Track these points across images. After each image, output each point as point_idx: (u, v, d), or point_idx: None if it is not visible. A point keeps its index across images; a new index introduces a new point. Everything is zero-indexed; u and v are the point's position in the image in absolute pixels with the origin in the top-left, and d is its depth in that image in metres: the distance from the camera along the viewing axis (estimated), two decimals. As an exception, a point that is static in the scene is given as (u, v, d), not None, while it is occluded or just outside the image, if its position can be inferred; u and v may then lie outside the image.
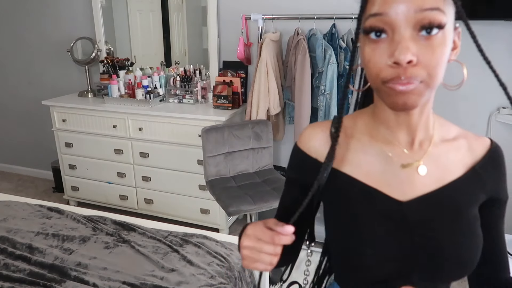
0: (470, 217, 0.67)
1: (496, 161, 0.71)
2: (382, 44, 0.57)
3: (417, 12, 0.54)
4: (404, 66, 0.55)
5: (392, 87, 0.57)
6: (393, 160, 0.68)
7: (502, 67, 2.19)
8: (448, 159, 0.69)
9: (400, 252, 0.65)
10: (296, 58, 2.32)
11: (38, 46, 3.38)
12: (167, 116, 2.60)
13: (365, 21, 0.58)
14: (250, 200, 2.06)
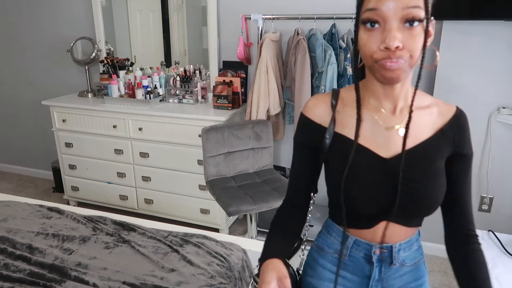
0: (438, 168, 0.85)
1: (461, 123, 0.87)
2: (376, 32, 0.74)
3: (404, 8, 0.71)
4: (393, 50, 0.72)
5: (382, 64, 0.74)
6: (379, 124, 0.85)
7: (502, 67, 2.19)
8: (422, 122, 0.85)
9: (381, 194, 0.84)
10: (296, 58, 2.32)
11: (38, 46, 3.38)
12: (167, 116, 2.60)
13: (363, 14, 0.74)
14: (250, 200, 2.06)
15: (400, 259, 0.91)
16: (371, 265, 0.91)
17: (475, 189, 2.42)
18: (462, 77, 2.28)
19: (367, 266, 0.92)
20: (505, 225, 2.40)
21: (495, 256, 1.45)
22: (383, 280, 0.93)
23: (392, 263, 0.91)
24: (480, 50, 2.21)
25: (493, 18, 2.07)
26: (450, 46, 2.25)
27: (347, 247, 0.92)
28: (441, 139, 0.86)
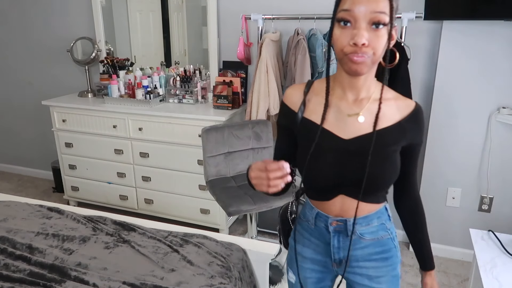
0: (391, 153, 0.98)
1: (417, 119, 1.00)
2: (347, 30, 0.87)
3: (372, 12, 0.84)
4: (359, 46, 0.85)
5: (350, 58, 0.86)
6: (342, 111, 0.98)
7: (502, 67, 2.19)
8: (382, 112, 0.96)
9: (338, 171, 0.98)
10: (296, 58, 2.32)
11: (38, 46, 3.38)
12: (167, 116, 2.60)
13: (338, 13, 0.88)
14: (250, 200, 2.06)
15: (358, 232, 1.05)
16: (329, 234, 1.07)
17: (475, 189, 2.42)
18: (462, 77, 2.28)
19: (328, 235, 1.08)
20: (505, 225, 2.40)
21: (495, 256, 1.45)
22: (343, 248, 1.07)
23: (347, 235, 1.04)
24: (480, 50, 2.21)
25: (493, 18, 2.07)
26: (450, 46, 2.25)
27: (312, 217, 1.09)
28: (398, 130, 0.98)
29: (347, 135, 0.97)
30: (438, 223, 2.55)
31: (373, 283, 1.09)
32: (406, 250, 2.66)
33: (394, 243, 1.11)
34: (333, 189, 1.02)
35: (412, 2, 2.28)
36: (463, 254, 2.54)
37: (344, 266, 1.08)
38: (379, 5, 0.84)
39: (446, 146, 2.41)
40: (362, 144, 0.96)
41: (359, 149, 0.96)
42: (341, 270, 1.10)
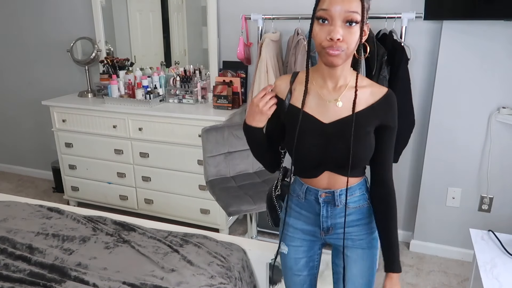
0: (366, 133, 1.11)
1: (388, 102, 1.12)
2: (325, 27, 0.99)
3: (346, 12, 0.96)
4: (335, 41, 0.97)
5: (327, 51, 0.99)
6: (322, 98, 1.12)
7: (502, 67, 2.19)
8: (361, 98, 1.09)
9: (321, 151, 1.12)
10: (296, 58, 2.32)
11: (38, 46, 3.38)
12: (167, 116, 2.60)
13: (317, 12, 1.00)
14: (250, 200, 2.06)
15: (343, 202, 1.19)
16: (319, 205, 1.21)
17: (475, 189, 2.42)
18: (462, 77, 2.28)
19: (317, 206, 1.22)
20: (505, 225, 2.40)
21: (495, 256, 1.45)
22: (330, 217, 1.22)
23: (336, 204, 1.19)
24: (480, 50, 2.21)
25: (493, 18, 2.07)
26: (450, 46, 2.25)
27: (303, 192, 1.23)
28: (371, 113, 1.10)
29: (328, 119, 1.11)
30: (438, 223, 2.55)
31: (355, 244, 1.25)
32: (406, 250, 2.66)
33: (371, 212, 1.24)
34: (318, 167, 1.16)
35: (412, 2, 2.28)
36: (463, 254, 2.54)
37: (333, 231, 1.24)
38: (352, 6, 0.97)
39: (446, 146, 2.41)
40: (341, 126, 1.10)
41: (338, 131, 1.10)
42: (328, 238, 1.26)
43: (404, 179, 2.63)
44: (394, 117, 1.13)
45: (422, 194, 2.54)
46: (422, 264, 2.52)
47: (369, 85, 1.12)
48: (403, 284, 2.33)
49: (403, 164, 2.59)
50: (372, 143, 1.13)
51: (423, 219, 2.58)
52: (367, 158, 1.15)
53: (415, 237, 2.63)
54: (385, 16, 2.17)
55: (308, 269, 1.33)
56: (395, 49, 2.09)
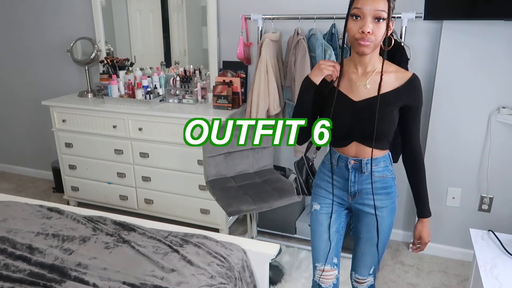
0: (389, 111, 1.31)
1: (412, 85, 1.32)
2: (358, 22, 1.23)
3: (375, 10, 1.20)
4: (366, 34, 1.21)
5: (359, 42, 1.24)
6: (354, 81, 1.35)
7: (502, 67, 2.19)
8: (386, 81, 1.31)
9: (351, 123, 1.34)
10: (296, 58, 2.32)
11: (38, 46, 3.38)
12: (167, 116, 2.60)
13: (352, 10, 1.24)
14: (250, 200, 2.06)
15: (368, 169, 1.38)
16: (348, 171, 1.41)
17: (475, 189, 2.42)
18: (462, 77, 2.28)
19: (347, 172, 1.42)
20: (505, 225, 2.40)
21: (495, 256, 1.45)
22: (357, 183, 1.42)
23: (362, 171, 1.39)
24: (480, 50, 2.21)
25: (492, 17, 2.07)
26: (450, 46, 2.25)
27: (335, 159, 1.44)
28: (395, 94, 1.32)
29: (357, 98, 1.34)
30: (438, 223, 2.55)
31: (377, 211, 1.42)
32: (406, 250, 2.66)
33: (394, 182, 1.46)
34: (348, 137, 1.38)
35: (412, 2, 2.28)
36: (463, 254, 2.54)
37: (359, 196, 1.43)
38: (380, 5, 1.20)
39: (446, 146, 2.41)
40: (368, 105, 1.32)
41: (365, 108, 1.32)
42: (354, 202, 1.45)
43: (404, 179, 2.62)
44: (418, 97, 1.35)
45: (422, 194, 2.54)
46: (422, 264, 2.52)
47: (394, 71, 1.34)
48: (403, 284, 2.33)
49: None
50: (394, 121, 1.34)
51: (423, 219, 2.58)
52: (389, 133, 1.36)
53: (415, 237, 2.63)
54: (385, 16, 2.17)
55: (336, 226, 1.50)
56: (395, 49, 2.09)
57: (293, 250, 2.60)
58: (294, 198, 2.13)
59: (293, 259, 2.52)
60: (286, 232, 2.74)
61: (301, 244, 2.66)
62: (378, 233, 1.44)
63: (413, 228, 2.63)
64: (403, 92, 1.31)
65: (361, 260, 1.52)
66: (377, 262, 1.52)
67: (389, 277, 2.38)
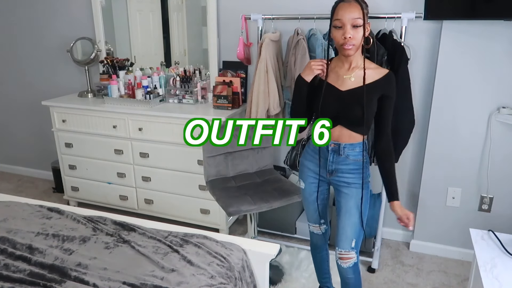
0: (370, 100, 1.58)
1: (388, 79, 1.60)
2: (340, 30, 1.51)
3: (352, 19, 1.48)
4: (347, 39, 1.49)
5: (343, 47, 1.52)
6: (341, 75, 1.63)
7: (502, 67, 2.19)
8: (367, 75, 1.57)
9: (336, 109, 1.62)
10: (296, 58, 2.32)
11: (38, 47, 3.38)
12: (167, 116, 2.60)
13: (333, 22, 1.53)
14: (250, 200, 2.06)
15: (345, 153, 1.67)
16: (328, 152, 1.70)
17: (475, 189, 2.42)
18: (462, 77, 2.28)
19: (327, 153, 1.71)
20: (505, 225, 2.40)
21: (495, 256, 1.45)
22: (335, 163, 1.70)
23: (339, 154, 1.68)
24: (480, 50, 2.21)
25: (493, 18, 2.07)
26: (450, 46, 2.25)
27: None
28: (375, 86, 1.58)
29: (344, 88, 1.62)
30: (438, 223, 2.55)
31: (350, 186, 1.70)
32: (406, 250, 2.66)
33: (366, 165, 1.69)
34: (334, 121, 1.64)
35: (412, 2, 2.28)
36: (463, 254, 2.54)
37: (335, 174, 1.72)
38: (355, 14, 1.48)
39: (446, 146, 2.41)
40: (352, 93, 1.59)
41: (350, 96, 1.59)
42: (331, 179, 1.75)
43: (404, 178, 2.64)
44: (393, 90, 1.61)
45: (422, 194, 2.54)
46: (422, 264, 2.52)
47: (374, 67, 1.62)
48: (403, 284, 2.33)
49: (403, 164, 2.59)
50: (373, 108, 1.60)
51: (423, 219, 2.58)
52: (369, 119, 1.61)
53: (415, 237, 2.63)
54: (385, 16, 2.17)
55: (320, 199, 1.85)
56: (395, 49, 2.09)
57: (293, 250, 2.60)
58: (294, 198, 2.13)
59: (293, 259, 2.52)
60: (286, 232, 2.74)
61: (301, 244, 2.66)
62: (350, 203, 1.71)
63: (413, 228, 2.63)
64: (381, 84, 1.58)
65: (342, 233, 1.72)
66: (358, 236, 1.71)
67: (389, 277, 2.38)
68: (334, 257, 1.79)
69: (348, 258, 1.72)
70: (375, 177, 2.67)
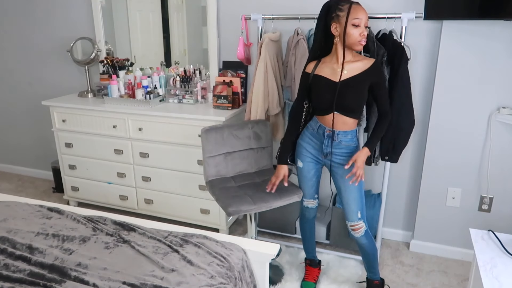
0: (361, 88, 1.85)
1: (375, 68, 1.86)
2: (358, 29, 1.77)
3: (366, 20, 1.78)
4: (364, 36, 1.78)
5: (360, 43, 1.79)
6: (335, 68, 1.87)
7: (502, 67, 2.19)
8: (357, 67, 1.84)
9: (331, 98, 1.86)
10: (296, 58, 2.32)
11: (38, 46, 3.38)
12: (167, 116, 2.60)
13: (352, 21, 1.76)
14: (250, 200, 2.06)
15: (339, 139, 1.92)
16: (323, 137, 1.95)
17: (475, 189, 2.42)
18: (462, 77, 2.28)
19: (322, 138, 1.96)
20: (505, 225, 2.40)
21: (495, 256, 1.45)
22: (329, 146, 1.95)
23: (334, 139, 1.92)
24: (480, 50, 2.21)
25: (493, 18, 2.07)
26: (450, 46, 2.25)
27: (317, 126, 1.97)
28: (364, 75, 1.84)
29: (337, 79, 1.85)
30: (438, 223, 2.55)
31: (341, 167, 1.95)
32: (406, 250, 2.66)
33: (356, 149, 1.94)
34: (329, 108, 1.88)
35: (412, 2, 2.28)
36: (463, 254, 2.54)
37: (329, 156, 1.97)
38: (367, 17, 1.77)
39: (446, 146, 2.41)
40: (345, 83, 1.83)
41: (343, 86, 1.83)
42: (326, 161, 2.00)
43: (404, 179, 2.64)
44: (381, 75, 1.89)
45: (422, 194, 2.54)
46: (422, 264, 2.52)
47: (363, 59, 1.86)
48: (403, 284, 2.33)
49: (403, 164, 2.59)
50: (364, 95, 1.87)
51: (423, 219, 2.58)
52: (360, 104, 1.90)
53: (415, 237, 2.63)
54: (385, 16, 2.17)
55: (315, 177, 2.10)
56: (395, 49, 2.09)
57: (293, 250, 2.60)
58: (294, 198, 2.13)
59: (293, 259, 2.52)
60: (286, 232, 2.74)
61: (301, 244, 2.66)
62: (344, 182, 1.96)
63: (412, 228, 2.64)
64: (370, 73, 1.83)
65: (347, 209, 1.98)
66: (361, 207, 1.97)
67: (389, 277, 2.38)
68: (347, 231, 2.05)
69: (359, 228, 1.99)
70: (375, 177, 2.67)
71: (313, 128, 1.99)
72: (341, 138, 1.91)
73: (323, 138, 1.95)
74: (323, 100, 1.88)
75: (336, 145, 1.93)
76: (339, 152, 1.95)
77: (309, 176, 2.08)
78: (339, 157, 1.96)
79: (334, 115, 1.87)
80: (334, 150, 1.94)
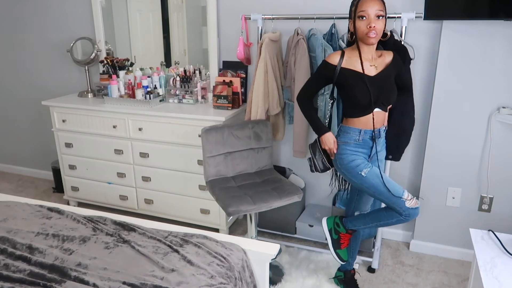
0: (392, 81, 1.87)
1: (396, 58, 1.89)
2: (364, 21, 1.72)
3: (377, 11, 1.71)
4: (372, 28, 1.71)
5: (368, 35, 1.73)
6: (367, 63, 1.82)
7: (502, 67, 2.19)
8: (383, 61, 1.86)
9: (369, 93, 1.77)
10: (296, 58, 2.32)
11: (38, 47, 3.38)
12: (167, 116, 2.60)
13: (359, 12, 1.73)
14: (250, 200, 2.06)
15: (381, 135, 1.91)
16: (372, 141, 1.88)
17: (475, 189, 2.42)
18: (462, 77, 2.28)
19: (371, 142, 1.89)
20: (505, 225, 2.40)
21: (495, 256, 1.45)
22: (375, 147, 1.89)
23: (380, 137, 1.90)
24: (480, 50, 2.21)
25: (493, 18, 2.07)
26: (450, 46, 2.25)
27: (361, 135, 1.87)
28: (390, 68, 1.86)
29: (371, 74, 1.81)
30: (438, 223, 2.55)
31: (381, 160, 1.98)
32: (406, 250, 2.66)
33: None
34: (370, 105, 1.80)
35: (412, 2, 2.28)
36: (463, 254, 2.54)
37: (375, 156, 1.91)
38: (379, 7, 1.71)
39: (446, 146, 2.41)
40: (380, 77, 1.82)
41: (378, 80, 1.81)
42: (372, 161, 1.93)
43: (404, 178, 2.63)
44: (402, 63, 1.93)
45: (422, 194, 2.54)
46: (422, 264, 2.52)
47: (386, 53, 1.89)
48: (403, 284, 2.33)
49: (403, 163, 2.59)
50: (395, 88, 1.88)
51: (423, 219, 2.58)
52: (393, 98, 1.88)
53: (415, 237, 2.63)
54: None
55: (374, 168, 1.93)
56: (397, 49, 2.08)
57: (293, 250, 2.60)
58: (294, 198, 2.13)
59: (293, 259, 2.52)
60: (286, 232, 2.74)
61: (301, 244, 2.66)
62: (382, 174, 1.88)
63: (412, 228, 2.64)
64: (394, 64, 1.87)
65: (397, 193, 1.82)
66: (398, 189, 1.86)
67: (389, 277, 2.38)
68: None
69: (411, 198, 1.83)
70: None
71: (355, 139, 1.86)
72: (382, 134, 1.91)
73: (371, 143, 1.88)
74: (362, 96, 1.77)
75: (379, 142, 1.91)
76: (380, 147, 1.94)
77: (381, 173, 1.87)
78: (381, 152, 1.96)
79: (374, 113, 1.80)
80: (378, 148, 1.91)
